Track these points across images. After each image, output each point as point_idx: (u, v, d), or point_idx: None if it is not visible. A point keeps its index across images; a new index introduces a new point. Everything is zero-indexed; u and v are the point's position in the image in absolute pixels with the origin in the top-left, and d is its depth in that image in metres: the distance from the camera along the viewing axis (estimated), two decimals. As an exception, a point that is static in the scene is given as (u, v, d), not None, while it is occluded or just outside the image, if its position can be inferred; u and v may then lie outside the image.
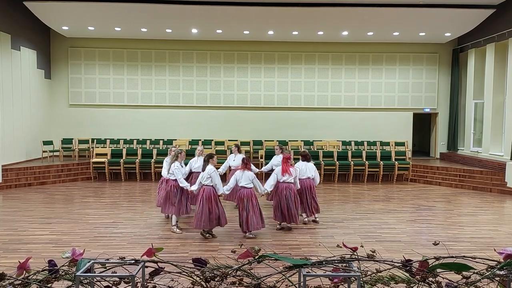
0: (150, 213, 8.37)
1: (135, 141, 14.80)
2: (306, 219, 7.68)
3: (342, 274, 1.98)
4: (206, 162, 6.66)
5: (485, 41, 13.34)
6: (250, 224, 6.55)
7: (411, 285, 2.01)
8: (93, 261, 2.02)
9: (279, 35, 14.46)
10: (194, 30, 13.94)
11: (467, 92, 14.55)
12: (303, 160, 7.83)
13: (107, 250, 5.76)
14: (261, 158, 13.08)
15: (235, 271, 2.02)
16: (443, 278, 1.98)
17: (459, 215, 8.66)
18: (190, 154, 13.05)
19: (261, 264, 2.07)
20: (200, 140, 14.64)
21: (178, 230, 6.99)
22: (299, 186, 7.36)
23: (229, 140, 14.70)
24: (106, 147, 13.95)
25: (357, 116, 15.42)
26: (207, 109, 15.30)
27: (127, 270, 2.04)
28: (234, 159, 8.71)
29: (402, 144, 14.99)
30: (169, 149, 8.44)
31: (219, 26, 13.57)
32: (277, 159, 8.52)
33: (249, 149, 14.34)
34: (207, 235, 6.64)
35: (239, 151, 8.94)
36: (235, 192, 7.25)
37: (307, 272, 1.93)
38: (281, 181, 7.07)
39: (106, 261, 2.07)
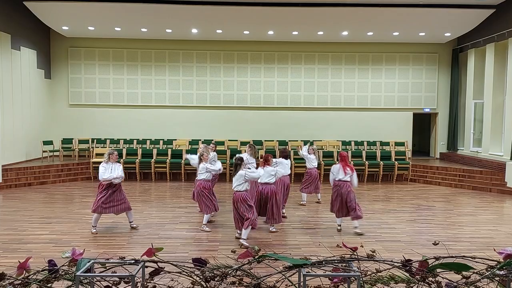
0: (150, 213, 8.38)
1: (135, 141, 14.80)
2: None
3: (342, 274, 1.98)
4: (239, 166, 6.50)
5: (484, 41, 13.34)
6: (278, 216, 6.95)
7: (411, 285, 2.01)
8: (93, 261, 2.02)
9: (279, 35, 14.46)
10: (194, 30, 13.94)
11: (467, 92, 14.55)
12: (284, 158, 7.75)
13: (107, 250, 5.76)
14: (261, 158, 13.01)
15: (235, 271, 2.02)
16: (443, 278, 1.98)
17: (458, 215, 8.66)
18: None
19: (261, 264, 2.07)
20: (200, 140, 14.64)
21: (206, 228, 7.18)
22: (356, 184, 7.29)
23: (229, 140, 14.70)
24: (106, 147, 13.96)
25: (357, 116, 15.42)
26: (207, 109, 15.30)
27: (127, 270, 2.04)
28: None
29: (402, 144, 14.99)
30: (110, 154, 7.09)
31: (219, 26, 13.57)
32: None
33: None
34: None
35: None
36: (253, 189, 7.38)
37: (307, 272, 1.93)
38: (337, 179, 7.11)
39: (106, 261, 2.07)
